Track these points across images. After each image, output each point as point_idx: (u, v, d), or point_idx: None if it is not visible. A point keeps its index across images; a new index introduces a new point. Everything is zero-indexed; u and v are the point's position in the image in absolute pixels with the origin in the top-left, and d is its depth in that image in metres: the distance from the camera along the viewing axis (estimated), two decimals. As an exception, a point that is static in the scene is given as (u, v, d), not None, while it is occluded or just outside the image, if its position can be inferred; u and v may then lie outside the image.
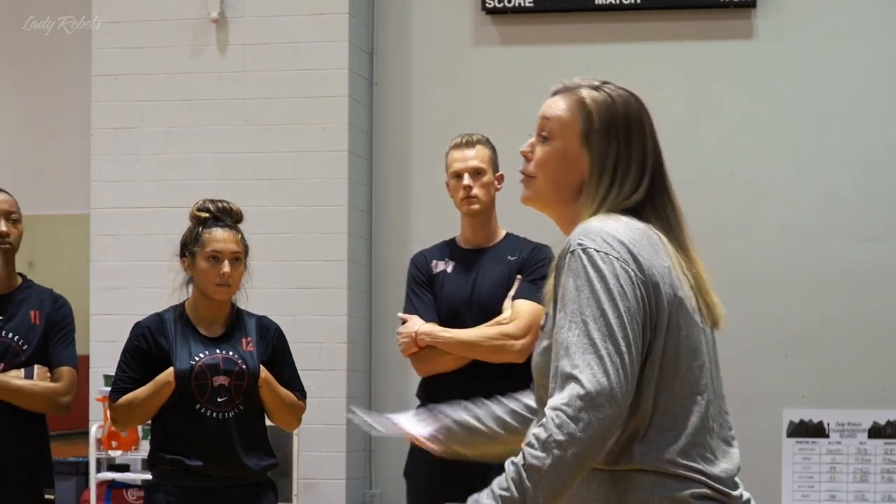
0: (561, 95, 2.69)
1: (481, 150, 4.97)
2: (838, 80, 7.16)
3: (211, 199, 4.78)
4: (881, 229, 7.11)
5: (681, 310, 2.53)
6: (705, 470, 2.54)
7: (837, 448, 7.02)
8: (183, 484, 4.63)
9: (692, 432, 2.53)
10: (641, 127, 2.69)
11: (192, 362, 4.62)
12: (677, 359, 2.52)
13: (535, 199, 2.69)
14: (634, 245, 2.51)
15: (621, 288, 2.44)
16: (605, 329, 2.41)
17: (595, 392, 2.36)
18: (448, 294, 4.94)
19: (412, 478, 5.03)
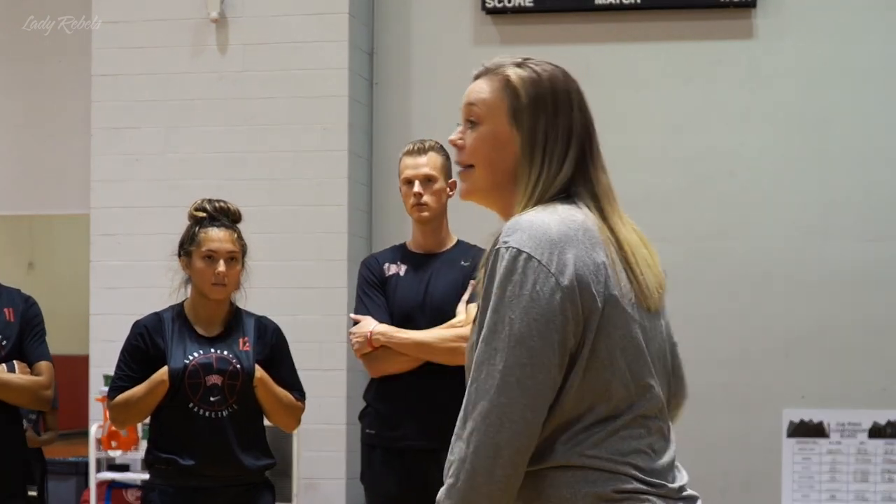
0: (484, 78, 2.66)
1: (433, 157, 4.97)
2: (838, 80, 7.16)
3: (208, 199, 4.78)
4: (881, 229, 7.11)
5: (617, 308, 2.46)
6: (640, 465, 2.46)
7: (837, 448, 7.02)
8: (178, 483, 4.63)
9: (625, 428, 2.46)
10: (569, 99, 2.60)
11: (186, 361, 4.62)
12: (612, 358, 2.45)
13: (474, 191, 2.62)
14: (567, 242, 2.44)
15: (537, 294, 2.38)
16: (511, 340, 2.37)
17: (486, 411, 2.37)
18: (401, 297, 4.94)
19: (371, 483, 5.01)
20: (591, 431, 2.44)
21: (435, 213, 4.94)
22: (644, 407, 2.48)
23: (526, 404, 2.37)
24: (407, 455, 4.89)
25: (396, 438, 4.90)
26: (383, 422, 4.94)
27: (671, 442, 2.56)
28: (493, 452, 2.36)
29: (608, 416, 2.45)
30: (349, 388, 7.19)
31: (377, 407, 5.00)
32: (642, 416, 2.48)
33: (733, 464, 7.02)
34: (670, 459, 2.54)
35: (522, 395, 2.37)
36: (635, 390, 2.47)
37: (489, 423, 2.36)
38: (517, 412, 2.36)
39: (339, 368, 7.16)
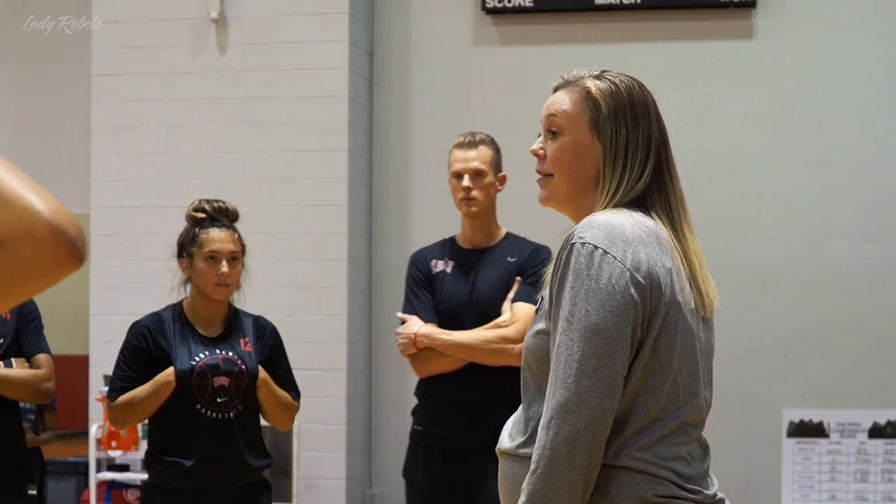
0: (564, 90, 2.72)
1: (484, 150, 4.96)
2: (838, 80, 7.16)
3: (207, 200, 4.78)
4: (881, 229, 7.11)
5: (679, 314, 2.55)
6: (681, 471, 2.55)
7: (837, 448, 7.02)
8: (180, 485, 4.63)
9: (671, 434, 2.54)
10: (646, 109, 2.70)
11: (193, 362, 4.62)
12: (670, 361, 2.54)
13: (553, 197, 2.71)
14: (639, 243, 2.53)
15: (612, 288, 2.48)
16: (587, 331, 2.46)
17: (565, 399, 2.45)
18: (447, 295, 4.94)
19: (412, 478, 5.03)
20: (641, 434, 2.52)
21: (483, 207, 4.93)
22: (689, 414, 2.57)
23: (603, 393, 2.46)
24: (449, 454, 4.90)
25: (441, 437, 4.91)
26: (430, 419, 4.95)
27: (707, 450, 2.66)
28: (572, 440, 2.44)
29: (656, 418, 2.53)
30: (349, 388, 7.19)
31: (425, 404, 5.01)
32: (686, 424, 2.57)
33: (733, 464, 7.02)
34: (706, 467, 2.63)
35: (601, 383, 2.45)
36: (684, 396, 2.56)
37: (568, 411, 2.45)
38: (595, 400, 2.45)
39: (339, 368, 7.16)
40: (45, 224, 1.47)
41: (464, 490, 4.88)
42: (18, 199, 1.48)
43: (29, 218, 1.47)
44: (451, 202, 5.05)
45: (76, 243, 1.49)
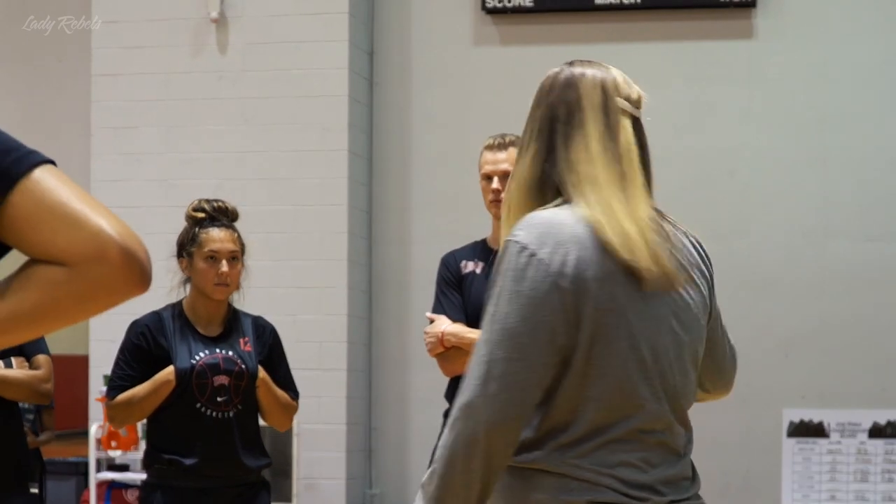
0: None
1: (513, 152, 4.96)
2: (838, 80, 7.16)
3: (206, 199, 4.77)
4: (881, 229, 7.11)
5: (619, 318, 2.43)
6: (627, 478, 2.43)
7: (837, 448, 7.02)
8: (180, 484, 4.63)
9: (617, 441, 2.44)
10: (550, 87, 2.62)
11: (193, 361, 4.62)
12: (611, 370, 2.42)
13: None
14: (575, 243, 2.42)
15: (532, 291, 2.38)
16: (503, 334, 2.39)
17: (470, 401, 2.39)
18: (476, 295, 4.94)
19: None
20: (581, 440, 2.43)
21: None
22: (642, 421, 2.46)
23: (507, 399, 2.37)
24: None
25: None
26: None
27: (681, 455, 2.54)
28: (469, 444, 2.37)
29: (600, 426, 2.43)
30: (349, 388, 7.19)
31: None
32: (640, 430, 2.46)
33: (733, 463, 7.02)
34: (673, 474, 2.51)
35: (505, 389, 2.37)
36: (635, 404, 2.45)
37: (468, 415, 2.38)
38: (498, 405, 2.37)
39: (339, 368, 7.16)
40: (116, 247, 1.48)
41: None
42: (89, 221, 1.48)
43: (101, 240, 1.48)
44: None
45: (145, 267, 1.52)
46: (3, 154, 1.51)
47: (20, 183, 1.49)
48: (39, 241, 1.49)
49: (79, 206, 1.49)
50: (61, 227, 1.48)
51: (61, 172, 1.53)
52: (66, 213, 1.49)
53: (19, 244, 1.51)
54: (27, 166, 1.51)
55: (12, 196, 1.49)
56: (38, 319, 1.51)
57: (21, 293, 1.49)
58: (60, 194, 1.50)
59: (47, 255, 1.48)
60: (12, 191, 1.49)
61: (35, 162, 1.51)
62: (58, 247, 1.48)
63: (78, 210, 1.49)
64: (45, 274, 1.49)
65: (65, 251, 1.47)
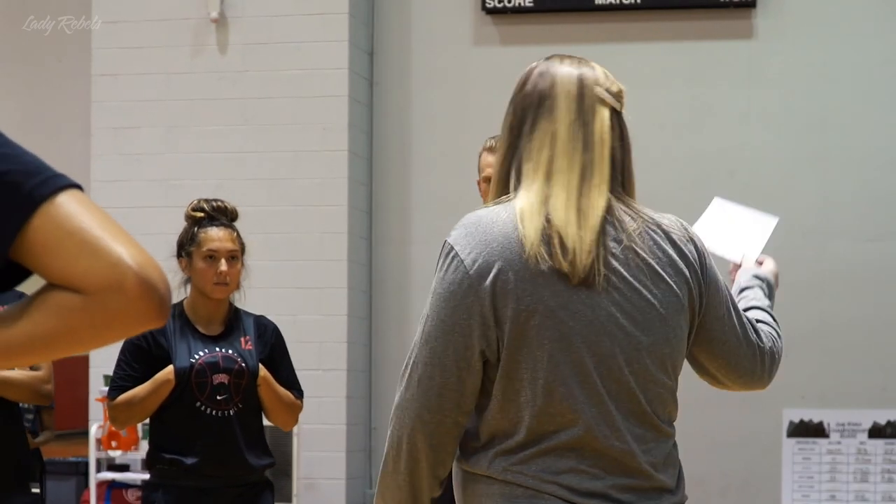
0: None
1: None
2: (838, 80, 7.16)
3: (205, 199, 4.78)
4: (881, 229, 7.11)
5: (545, 321, 2.34)
6: (574, 485, 2.35)
7: (837, 448, 7.02)
8: (182, 483, 4.63)
9: (561, 448, 2.36)
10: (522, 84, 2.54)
11: (192, 360, 4.62)
12: (536, 373, 2.35)
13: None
14: (502, 244, 2.35)
15: (449, 295, 2.35)
16: (422, 337, 2.39)
17: (396, 404, 2.42)
18: None
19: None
20: (522, 447, 2.37)
21: None
22: (585, 427, 2.36)
23: (423, 404, 2.38)
24: None
25: None
26: None
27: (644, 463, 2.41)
28: (396, 445, 2.42)
29: (540, 433, 2.36)
30: (349, 389, 7.19)
31: None
32: (586, 437, 2.36)
33: (733, 464, 7.02)
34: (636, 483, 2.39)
35: (421, 394, 2.38)
36: (570, 409, 2.35)
37: (395, 417, 2.42)
38: (414, 410, 2.39)
39: (339, 369, 7.16)
40: (134, 278, 1.47)
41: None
42: (109, 249, 1.47)
43: (119, 270, 1.46)
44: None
45: (164, 299, 1.49)
46: (27, 176, 1.50)
47: (42, 207, 1.48)
48: (58, 266, 1.48)
49: (100, 233, 1.48)
50: (80, 253, 1.47)
51: (86, 197, 1.52)
52: (85, 239, 1.47)
53: (38, 268, 1.50)
54: (51, 190, 1.49)
55: (34, 220, 1.48)
56: (52, 345, 1.51)
57: (37, 318, 1.49)
58: (82, 220, 1.49)
59: (65, 281, 1.48)
60: (34, 214, 1.48)
61: (60, 186, 1.50)
62: (76, 274, 1.47)
63: (98, 237, 1.48)
64: (62, 300, 1.48)
65: (82, 279, 1.47)
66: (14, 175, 1.49)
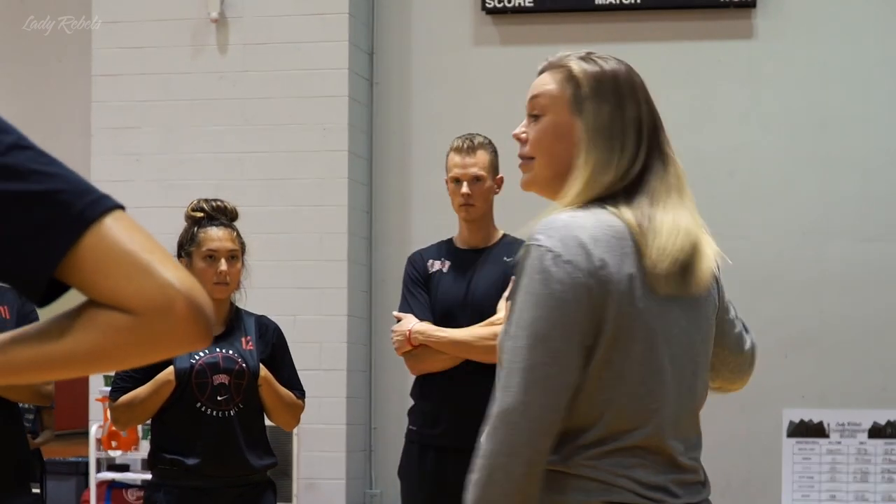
0: (548, 72, 2.63)
1: (482, 155, 4.96)
2: (838, 80, 7.16)
3: (205, 199, 4.78)
4: (881, 229, 7.11)
5: (636, 322, 2.43)
6: (642, 479, 2.44)
7: (837, 448, 7.02)
8: (183, 484, 4.63)
9: (632, 439, 2.44)
10: (633, 90, 2.58)
11: (192, 361, 4.62)
12: (623, 371, 2.43)
13: (535, 181, 2.60)
14: (597, 246, 2.41)
15: (563, 296, 2.37)
16: (535, 339, 2.37)
17: (508, 408, 2.38)
18: (443, 294, 4.94)
19: (406, 478, 5.03)
20: (598, 443, 2.43)
21: (480, 212, 4.93)
22: (656, 426, 2.46)
23: (546, 404, 2.37)
24: (444, 453, 4.89)
25: (435, 436, 4.90)
26: (424, 419, 4.94)
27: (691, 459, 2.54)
28: (511, 451, 2.37)
29: (617, 431, 2.43)
30: (349, 389, 7.19)
31: (420, 404, 5.00)
32: (655, 435, 2.46)
33: (733, 464, 7.02)
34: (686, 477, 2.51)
35: (544, 394, 2.37)
36: (648, 409, 2.45)
37: (509, 422, 2.37)
38: (537, 412, 2.37)
39: (339, 369, 7.16)
40: (184, 301, 1.50)
41: (459, 490, 4.88)
42: (159, 272, 1.51)
43: (170, 293, 1.50)
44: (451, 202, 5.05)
45: (210, 322, 1.53)
46: (78, 196, 1.54)
47: (93, 227, 1.52)
48: (107, 286, 1.50)
49: (149, 256, 1.52)
50: (131, 275, 1.50)
51: (131, 218, 1.57)
52: (136, 262, 1.51)
53: (84, 287, 1.52)
54: (101, 211, 1.54)
55: (85, 239, 1.51)
56: (94, 362, 1.53)
57: (81, 335, 1.51)
58: (132, 242, 1.53)
59: (114, 301, 1.50)
60: (85, 234, 1.52)
61: (108, 207, 1.55)
62: (125, 294, 1.50)
63: (148, 260, 1.51)
64: (109, 319, 1.50)
65: (132, 300, 1.49)
66: (65, 195, 1.53)
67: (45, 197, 1.52)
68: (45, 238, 1.51)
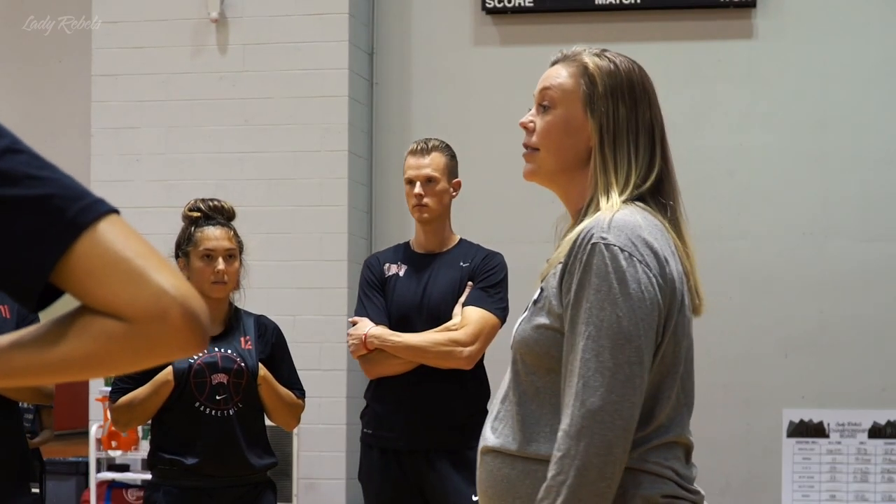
0: (561, 64, 2.62)
1: (437, 157, 4.97)
2: (838, 80, 7.16)
3: (202, 199, 4.78)
4: (881, 229, 7.11)
5: (685, 318, 2.50)
6: (680, 471, 2.50)
7: (837, 448, 7.01)
8: (183, 484, 4.63)
9: (672, 433, 2.49)
10: (645, 92, 2.61)
11: (191, 360, 4.62)
12: (674, 364, 2.48)
13: (538, 172, 2.60)
14: (658, 246, 2.45)
15: (641, 294, 2.39)
16: (619, 338, 2.37)
17: (598, 408, 2.36)
18: (399, 298, 4.93)
19: (368, 481, 5.02)
20: (646, 440, 2.46)
21: (435, 214, 4.93)
22: (686, 421, 2.53)
23: (634, 402, 2.39)
24: (401, 456, 4.90)
25: (391, 439, 4.91)
26: (380, 422, 4.95)
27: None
28: (605, 451, 2.36)
29: (664, 425, 2.48)
30: (349, 388, 7.19)
31: (374, 407, 5.01)
32: (686, 430, 2.53)
33: (733, 464, 7.02)
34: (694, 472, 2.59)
35: (633, 392, 2.38)
36: (684, 404, 2.52)
37: (600, 421, 2.36)
38: (627, 410, 2.37)
39: (339, 369, 7.16)
40: (179, 308, 1.49)
41: (418, 491, 4.88)
42: (154, 279, 1.49)
43: (165, 300, 1.49)
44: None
45: (205, 329, 1.52)
46: (71, 201, 1.51)
47: (86, 233, 1.50)
48: (101, 293, 1.49)
49: (143, 262, 1.50)
50: (125, 282, 1.49)
51: (126, 223, 1.54)
52: (130, 268, 1.49)
53: (77, 293, 1.51)
54: (94, 216, 1.51)
55: (78, 245, 1.50)
56: (88, 367, 1.53)
57: (75, 341, 1.50)
58: (126, 248, 1.51)
59: (107, 308, 1.49)
60: (78, 240, 1.50)
61: (102, 212, 1.52)
62: (120, 301, 1.49)
63: (143, 267, 1.50)
64: (103, 326, 1.49)
65: (127, 307, 1.49)
66: (58, 200, 1.51)
67: (38, 202, 1.50)
68: (37, 244, 1.49)
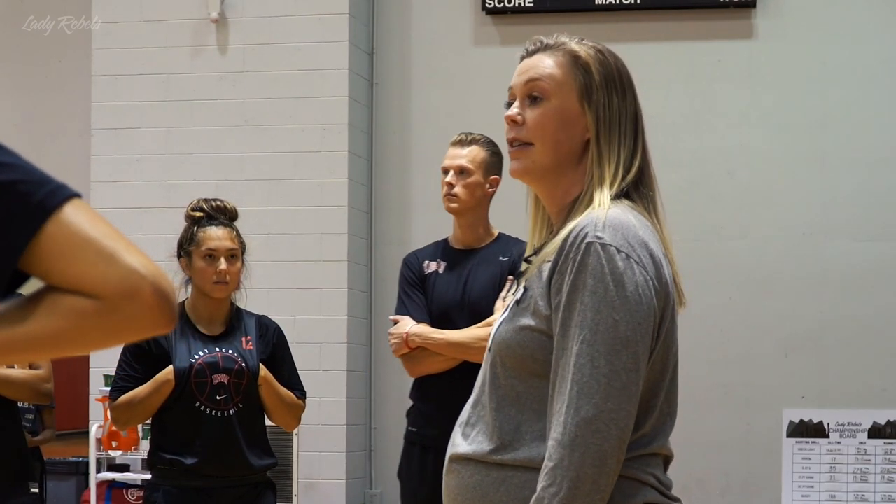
0: (544, 53, 2.47)
1: (475, 150, 4.95)
2: (838, 80, 7.16)
3: (205, 199, 4.78)
4: (881, 229, 7.11)
5: (673, 321, 2.38)
6: (661, 478, 2.39)
7: (837, 448, 7.01)
8: (182, 484, 4.63)
9: (656, 444, 2.38)
10: (630, 81, 2.46)
11: (192, 360, 4.62)
12: (662, 371, 2.36)
13: (532, 170, 2.43)
14: (654, 247, 2.33)
15: (639, 297, 2.26)
16: (616, 343, 2.25)
17: (593, 417, 2.24)
18: (439, 295, 4.93)
19: (406, 479, 5.02)
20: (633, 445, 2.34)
21: (465, 205, 4.89)
22: (668, 432, 2.41)
23: (630, 411, 2.27)
24: (443, 454, 4.89)
25: (435, 437, 4.89)
26: (424, 420, 4.93)
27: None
28: (599, 461, 2.24)
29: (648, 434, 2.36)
30: (349, 389, 7.19)
31: (419, 405, 4.99)
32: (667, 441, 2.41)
33: (733, 464, 7.02)
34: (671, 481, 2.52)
35: (628, 401, 2.26)
36: (667, 412, 2.41)
37: (595, 430, 2.24)
38: (623, 419, 2.26)
39: (339, 369, 7.16)
40: (150, 286, 1.52)
41: None
42: (124, 258, 1.53)
43: (135, 278, 1.52)
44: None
45: (174, 307, 1.55)
46: (36, 185, 1.55)
47: (54, 215, 1.53)
48: (72, 273, 1.52)
49: (112, 242, 1.53)
50: (96, 261, 1.52)
51: (89, 207, 1.57)
52: (100, 248, 1.53)
53: (48, 275, 1.54)
54: (60, 199, 1.54)
55: (46, 228, 1.53)
56: (58, 346, 1.56)
57: (45, 319, 1.53)
58: (94, 229, 1.54)
59: (77, 286, 1.52)
60: (47, 223, 1.53)
61: (67, 195, 1.55)
62: (91, 280, 1.52)
63: (112, 247, 1.53)
64: (73, 304, 1.52)
65: (98, 285, 1.51)
66: (24, 185, 1.55)
67: (3, 188, 1.54)
68: (5, 229, 1.52)
